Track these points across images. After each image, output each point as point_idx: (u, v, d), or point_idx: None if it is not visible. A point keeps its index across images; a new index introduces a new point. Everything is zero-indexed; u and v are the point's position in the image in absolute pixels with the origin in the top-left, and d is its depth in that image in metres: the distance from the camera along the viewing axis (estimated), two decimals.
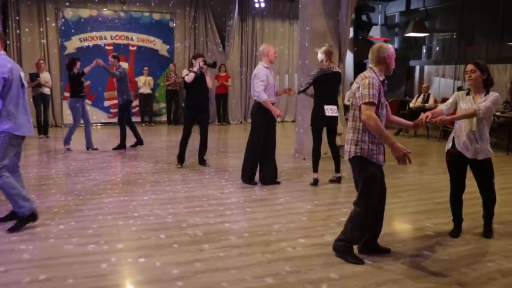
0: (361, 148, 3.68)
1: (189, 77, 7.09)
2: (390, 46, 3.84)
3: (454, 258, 4.01)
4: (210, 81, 7.35)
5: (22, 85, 4.46)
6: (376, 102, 3.59)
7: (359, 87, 3.62)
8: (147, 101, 13.49)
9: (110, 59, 9.27)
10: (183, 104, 8.78)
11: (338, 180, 6.66)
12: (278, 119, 6.67)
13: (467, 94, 4.35)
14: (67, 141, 9.03)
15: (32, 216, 4.56)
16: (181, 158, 7.52)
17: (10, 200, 4.50)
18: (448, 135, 11.05)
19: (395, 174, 7.30)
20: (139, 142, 9.51)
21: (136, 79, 13.48)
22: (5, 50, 4.51)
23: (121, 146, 9.22)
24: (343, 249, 3.90)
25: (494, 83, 4.35)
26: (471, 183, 4.64)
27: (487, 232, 4.56)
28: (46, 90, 10.74)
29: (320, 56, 6.34)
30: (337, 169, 6.67)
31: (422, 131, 11.90)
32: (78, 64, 9.05)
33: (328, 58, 6.33)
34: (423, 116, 4.15)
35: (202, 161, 7.68)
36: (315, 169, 6.48)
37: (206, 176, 6.92)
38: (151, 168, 7.53)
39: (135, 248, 4.15)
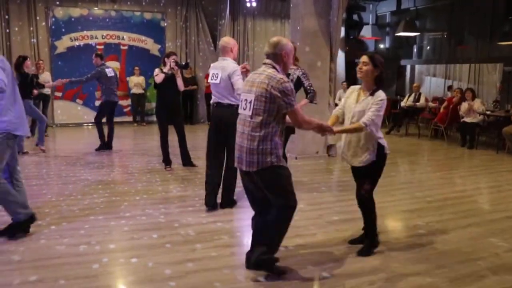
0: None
1: (159, 78, 7.00)
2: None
3: (445, 255, 4.03)
4: (181, 84, 7.18)
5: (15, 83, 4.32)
6: None
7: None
8: (139, 101, 13.43)
9: (93, 58, 9.09)
10: (154, 105, 8.41)
11: None
12: None
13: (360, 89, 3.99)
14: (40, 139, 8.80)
15: (31, 219, 4.38)
16: (167, 161, 7.42)
17: (6, 208, 4.28)
18: (439, 134, 11.19)
19: (387, 173, 7.26)
20: (104, 146, 8.98)
21: (128, 79, 13.44)
22: None
23: (101, 146, 8.98)
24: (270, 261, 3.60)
25: (384, 82, 3.89)
26: (462, 181, 4.67)
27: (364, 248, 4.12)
28: (46, 90, 10.67)
29: None
30: None
31: (413, 129, 11.96)
32: (28, 62, 8.60)
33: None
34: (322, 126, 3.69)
35: (187, 163, 7.53)
36: None
37: (198, 175, 6.90)
38: (143, 168, 7.50)
39: (127, 248, 4.13)
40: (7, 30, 12.18)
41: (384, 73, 3.88)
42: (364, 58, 3.84)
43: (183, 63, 7.28)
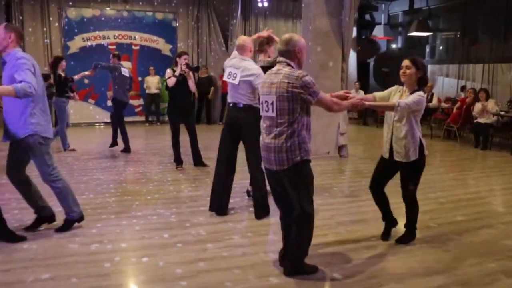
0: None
1: (171, 82, 7.02)
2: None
3: (458, 258, 3.99)
4: (193, 85, 7.23)
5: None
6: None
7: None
8: (154, 101, 13.46)
9: (110, 58, 9.16)
10: (166, 105, 8.32)
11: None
12: None
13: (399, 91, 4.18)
14: (64, 142, 8.90)
15: (81, 219, 4.57)
16: (178, 161, 7.45)
17: (64, 205, 4.46)
18: (452, 135, 11.09)
19: (398, 174, 7.27)
20: (115, 144, 9.05)
21: (140, 78, 13.51)
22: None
23: (113, 143, 9.05)
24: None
25: (428, 82, 4.17)
26: (475, 183, 4.62)
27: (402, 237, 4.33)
28: None
29: None
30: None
31: (425, 130, 11.86)
32: (63, 63, 8.77)
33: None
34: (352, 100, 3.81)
35: (198, 163, 7.55)
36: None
37: (209, 175, 6.89)
38: (154, 167, 7.53)
39: (139, 247, 4.15)
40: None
41: (426, 75, 4.10)
42: (407, 62, 4.00)
43: (194, 66, 7.28)
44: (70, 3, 12.80)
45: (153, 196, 5.84)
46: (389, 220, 4.44)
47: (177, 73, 7.03)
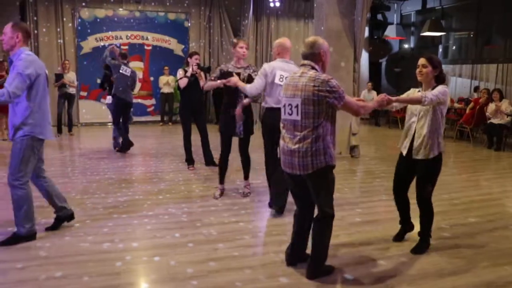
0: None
1: (182, 83, 7.05)
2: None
3: (470, 260, 3.95)
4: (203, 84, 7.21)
5: (47, 85, 4.25)
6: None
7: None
8: (168, 101, 13.51)
9: (117, 56, 9.13)
10: (178, 105, 8.19)
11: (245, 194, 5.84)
12: None
13: (419, 91, 4.07)
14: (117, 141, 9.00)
15: (30, 237, 4.21)
16: (189, 160, 7.47)
17: (16, 215, 4.15)
18: (464, 135, 10.99)
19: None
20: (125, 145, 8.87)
21: (152, 78, 13.58)
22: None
23: (123, 145, 8.88)
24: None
25: (445, 79, 4.04)
26: (488, 184, 4.57)
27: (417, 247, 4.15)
28: (71, 90, 10.94)
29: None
30: (246, 176, 5.91)
31: None
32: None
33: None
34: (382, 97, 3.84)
35: (209, 163, 7.55)
36: (221, 181, 5.84)
37: None
38: (166, 167, 7.57)
39: (150, 246, 4.17)
40: (36, 31, 12.45)
41: (443, 73, 4.02)
42: (423, 61, 3.93)
43: (206, 66, 7.30)
44: (83, 4, 12.91)
45: (164, 195, 5.86)
46: (406, 224, 4.38)
47: (188, 74, 7.05)
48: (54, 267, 3.67)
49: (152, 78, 13.63)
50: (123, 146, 8.79)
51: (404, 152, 4.11)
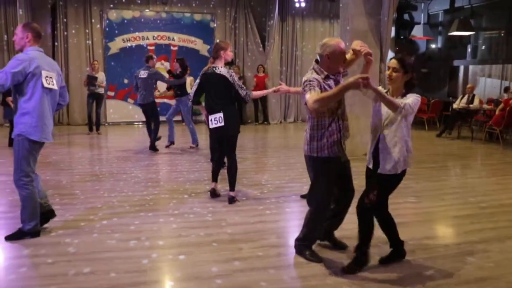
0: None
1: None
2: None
3: (500, 265, 3.87)
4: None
5: (45, 87, 4.08)
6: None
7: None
8: None
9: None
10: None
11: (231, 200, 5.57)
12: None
13: (387, 92, 3.56)
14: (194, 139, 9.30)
15: (35, 234, 4.25)
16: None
17: (22, 212, 4.20)
18: (494, 137, 10.75)
19: (438, 177, 7.13)
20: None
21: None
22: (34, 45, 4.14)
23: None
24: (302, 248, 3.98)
25: (415, 86, 3.52)
26: None
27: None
28: (100, 90, 11.16)
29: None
30: (232, 188, 5.64)
31: (466, 132, 11.57)
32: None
33: (212, 56, 5.64)
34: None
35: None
36: (214, 178, 5.85)
37: (245, 175, 6.94)
38: (191, 166, 7.63)
39: (175, 245, 4.21)
40: (65, 33, 12.73)
41: (415, 79, 3.53)
42: (394, 63, 3.48)
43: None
44: (111, 5, 13.13)
45: (190, 194, 5.91)
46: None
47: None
48: (82, 263, 3.75)
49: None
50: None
51: (371, 166, 3.84)
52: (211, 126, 5.43)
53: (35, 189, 4.21)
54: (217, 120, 5.36)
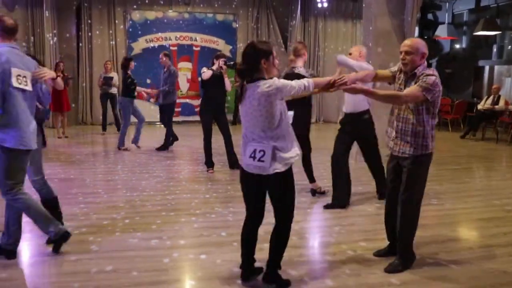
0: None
1: (206, 74, 6.95)
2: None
3: None
4: (228, 84, 7.18)
5: (18, 88, 3.58)
6: None
7: None
8: None
9: (161, 57, 9.29)
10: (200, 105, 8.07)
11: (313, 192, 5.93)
12: None
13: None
14: (120, 143, 9.19)
15: (63, 237, 3.91)
16: (209, 163, 7.27)
17: (36, 224, 3.87)
18: None
19: (461, 179, 7.01)
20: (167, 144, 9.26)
21: (200, 79, 13.75)
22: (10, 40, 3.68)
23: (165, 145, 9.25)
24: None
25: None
26: None
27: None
28: (113, 90, 11.25)
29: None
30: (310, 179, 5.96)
31: (490, 134, 11.35)
32: (132, 64, 9.31)
33: (294, 55, 6.09)
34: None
35: (234, 165, 7.15)
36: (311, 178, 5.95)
37: None
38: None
39: (197, 244, 4.24)
40: (89, 34, 12.91)
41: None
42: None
43: (231, 63, 7.25)
44: (135, 6, 13.27)
45: (211, 194, 5.94)
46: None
47: (214, 67, 7.03)
48: (104, 261, 3.80)
49: (200, 79, 13.81)
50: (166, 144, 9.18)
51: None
52: None
53: (28, 194, 3.77)
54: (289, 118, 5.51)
